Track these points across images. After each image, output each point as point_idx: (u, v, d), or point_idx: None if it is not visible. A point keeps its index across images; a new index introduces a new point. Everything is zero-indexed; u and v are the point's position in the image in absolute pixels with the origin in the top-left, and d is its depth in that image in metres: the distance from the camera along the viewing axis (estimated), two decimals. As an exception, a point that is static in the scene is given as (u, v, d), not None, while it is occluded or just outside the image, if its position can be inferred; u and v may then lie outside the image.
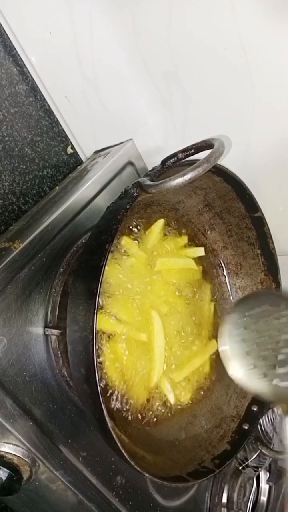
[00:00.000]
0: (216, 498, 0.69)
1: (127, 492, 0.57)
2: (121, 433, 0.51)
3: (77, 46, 0.65)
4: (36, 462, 0.49)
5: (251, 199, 0.59)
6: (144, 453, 0.50)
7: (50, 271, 0.54)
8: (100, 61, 0.65)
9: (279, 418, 0.71)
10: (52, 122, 0.73)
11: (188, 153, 0.48)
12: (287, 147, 0.61)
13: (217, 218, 0.64)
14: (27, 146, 0.69)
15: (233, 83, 0.59)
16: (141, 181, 0.44)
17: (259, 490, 0.75)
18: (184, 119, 0.66)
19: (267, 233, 0.61)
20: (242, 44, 0.55)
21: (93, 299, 0.39)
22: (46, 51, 0.67)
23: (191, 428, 0.60)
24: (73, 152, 0.76)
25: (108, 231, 0.42)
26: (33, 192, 0.69)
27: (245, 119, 0.61)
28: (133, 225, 0.59)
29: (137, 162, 0.71)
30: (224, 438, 0.59)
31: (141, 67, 0.63)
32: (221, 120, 0.64)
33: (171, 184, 0.41)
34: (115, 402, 0.52)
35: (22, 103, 0.69)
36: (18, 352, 0.49)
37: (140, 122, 0.70)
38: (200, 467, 0.54)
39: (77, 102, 0.71)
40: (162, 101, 0.66)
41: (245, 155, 0.65)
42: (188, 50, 0.59)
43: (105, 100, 0.69)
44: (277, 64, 0.55)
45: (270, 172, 0.66)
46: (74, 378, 0.45)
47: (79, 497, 0.52)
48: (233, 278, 0.67)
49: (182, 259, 0.62)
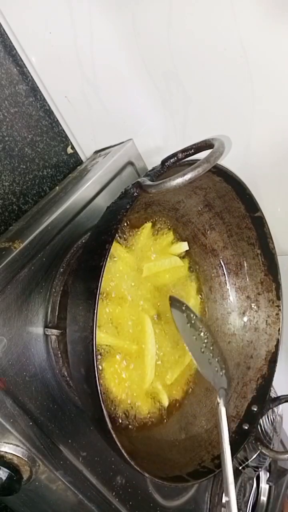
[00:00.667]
0: (216, 498, 0.69)
1: (127, 492, 0.57)
2: (120, 434, 0.51)
3: (77, 46, 0.65)
4: (36, 462, 0.49)
5: (251, 199, 0.59)
6: (144, 453, 0.50)
7: (50, 271, 0.54)
8: (100, 61, 0.65)
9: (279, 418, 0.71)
10: (52, 122, 0.73)
11: (188, 153, 0.48)
12: (286, 148, 0.61)
13: (217, 218, 0.64)
14: (27, 146, 0.69)
15: (233, 83, 0.59)
16: (141, 181, 0.44)
17: (259, 490, 0.75)
18: (184, 119, 0.66)
19: (267, 233, 0.61)
20: (242, 44, 0.55)
21: (93, 299, 0.39)
22: (46, 51, 0.67)
23: (191, 428, 0.60)
24: (73, 152, 0.76)
25: (108, 231, 0.42)
26: (33, 192, 0.69)
27: (245, 119, 0.61)
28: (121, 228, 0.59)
29: (137, 162, 0.71)
30: (224, 438, 0.59)
31: (141, 67, 0.63)
32: (221, 120, 0.64)
33: (171, 184, 0.41)
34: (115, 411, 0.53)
35: (22, 103, 0.69)
36: (18, 352, 0.49)
37: (140, 122, 0.70)
38: (200, 467, 0.54)
39: (77, 102, 0.71)
40: (162, 101, 0.66)
41: (245, 155, 0.65)
42: (188, 50, 0.59)
43: (105, 100, 0.69)
44: (277, 64, 0.55)
45: (270, 172, 0.66)
46: (74, 378, 0.46)
47: (79, 497, 0.52)
48: (233, 278, 0.67)
49: (168, 259, 0.62)
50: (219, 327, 0.68)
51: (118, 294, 0.55)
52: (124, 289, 0.56)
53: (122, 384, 0.53)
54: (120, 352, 0.54)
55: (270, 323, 0.65)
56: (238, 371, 0.65)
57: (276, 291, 0.64)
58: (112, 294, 0.55)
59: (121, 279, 0.56)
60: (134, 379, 0.54)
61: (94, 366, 0.39)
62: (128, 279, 0.57)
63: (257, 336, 0.66)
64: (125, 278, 0.56)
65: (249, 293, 0.66)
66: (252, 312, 0.66)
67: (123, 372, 0.54)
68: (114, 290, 0.55)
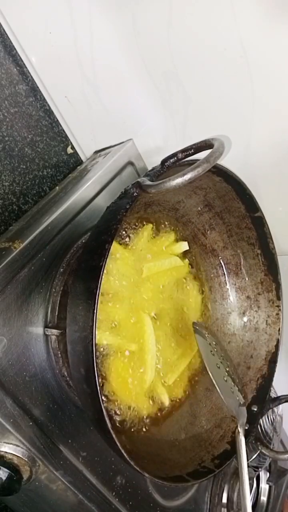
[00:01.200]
0: (216, 498, 0.69)
1: (127, 492, 0.57)
2: (120, 433, 0.51)
3: (77, 46, 0.65)
4: (36, 462, 0.49)
5: (251, 199, 0.59)
6: (144, 453, 0.50)
7: (50, 271, 0.54)
8: (100, 61, 0.65)
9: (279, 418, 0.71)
10: (52, 122, 0.73)
11: (188, 153, 0.48)
12: (286, 148, 0.61)
13: (217, 218, 0.64)
14: (27, 146, 0.69)
15: (233, 83, 0.59)
16: (141, 181, 0.44)
17: (259, 490, 0.75)
18: (184, 119, 0.66)
19: (267, 233, 0.61)
20: (242, 44, 0.55)
21: (93, 299, 0.39)
22: (46, 51, 0.67)
23: (191, 428, 0.60)
24: (73, 152, 0.76)
25: (107, 231, 0.42)
26: (33, 192, 0.69)
27: (245, 119, 0.61)
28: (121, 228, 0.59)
29: (137, 162, 0.71)
30: (224, 438, 0.59)
31: (141, 67, 0.63)
32: (221, 120, 0.64)
33: (170, 184, 0.41)
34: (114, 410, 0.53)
35: (22, 103, 0.69)
36: (18, 352, 0.49)
37: (140, 122, 0.70)
38: (200, 467, 0.54)
39: (77, 102, 0.71)
40: (162, 101, 0.66)
41: (245, 155, 0.65)
42: (188, 50, 0.59)
43: (105, 100, 0.69)
44: (278, 64, 0.55)
45: (271, 172, 0.66)
46: (73, 378, 0.46)
47: (79, 497, 0.52)
48: (233, 278, 0.67)
49: (168, 259, 0.62)
50: (219, 327, 0.68)
51: (118, 293, 0.55)
52: (124, 288, 0.56)
53: (122, 384, 0.53)
54: (120, 351, 0.54)
55: (270, 323, 0.65)
56: (238, 371, 0.65)
57: (276, 291, 0.64)
58: (112, 293, 0.55)
59: (121, 279, 0.56)
60: (134, 378, 0.54)
61: (93, 366, 0.39)
62: (128, 279, 0.57)
63: (257, 336, 0.66)
64: (125, 278, 0.56)
65: (249, 293, 0.66)
66: (252, 312, 0.66)
67: (123, 371, 0.54)
68: (114, 290, 0.55)
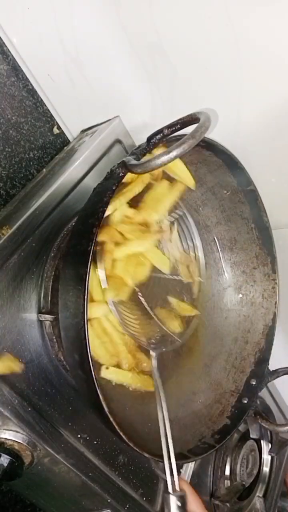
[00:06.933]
0: (219, 471, 0.70)
1: (130, 470, 0.58)
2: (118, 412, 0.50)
3: (57, 21, 0.62)
4: (37, 446, 0.49)
5: (242, 172, 0.57)
6: (143, 433, 0.50)
7: (40, 256, 0.53)
8: (82, 36, 0.63)
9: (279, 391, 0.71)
10: (36, 102, 0.71)
11: (174, 129, 0.46)
12: (277, 117, 0.59)
13: (209, 193, 0.63)
14: (12, 128, 0.67)
15: (219, 53, 0.57)
16: (126, 160, 0.43)
17: (262, 461, 0.76)
18: (171, 92, 0.64)
19: (260, 207, 0.60)
20: (228, 11, 0.52)
21: (83, 285, 0.39)
22: (25, 27, 0.65)
23: (190, 404, 0.61)
24: (59, 132, 0.75)
25: (94, 214, 0.41)
26: (20, 176, 0.67)
27: (233, 90, 0.59)
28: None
29: (125, 140, 0.69)
30: (224, 413, 0.60)
31: (124, 40, 0.61)
32: (209, 92, 0.62)
33: (156, 162, 0.40)
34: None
35: (3, 84, 0.67)
36: (12, 339, 0.49)
37: (126, 98, 0.68)
38: (201, 443, 0.55)
39: (60, 80, 0.68)
40: (147, 75, 0.64)
41: (235, 127, 0.63)
42: (171, 19, 0.57)
43: (89, 76, 0.66)
44: (264, 31, 0.53)
45: (262, 142, 0.64)
46: (68, 364, 0.45)
47: (82, 478, 0.52)
48: (227, 253, 0.67)
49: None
50: (215, 303, 0.67)
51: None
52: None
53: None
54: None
55: (267, 296, 0.64)
56: (236, 346, 0.65)
57: (272, 265, 0.63)
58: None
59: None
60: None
61: (87, 352, 0.39)
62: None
63: (253, 310, 0.65)
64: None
65: (244, 268, 0.66)
66: (248, 287, 0.66)
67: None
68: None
